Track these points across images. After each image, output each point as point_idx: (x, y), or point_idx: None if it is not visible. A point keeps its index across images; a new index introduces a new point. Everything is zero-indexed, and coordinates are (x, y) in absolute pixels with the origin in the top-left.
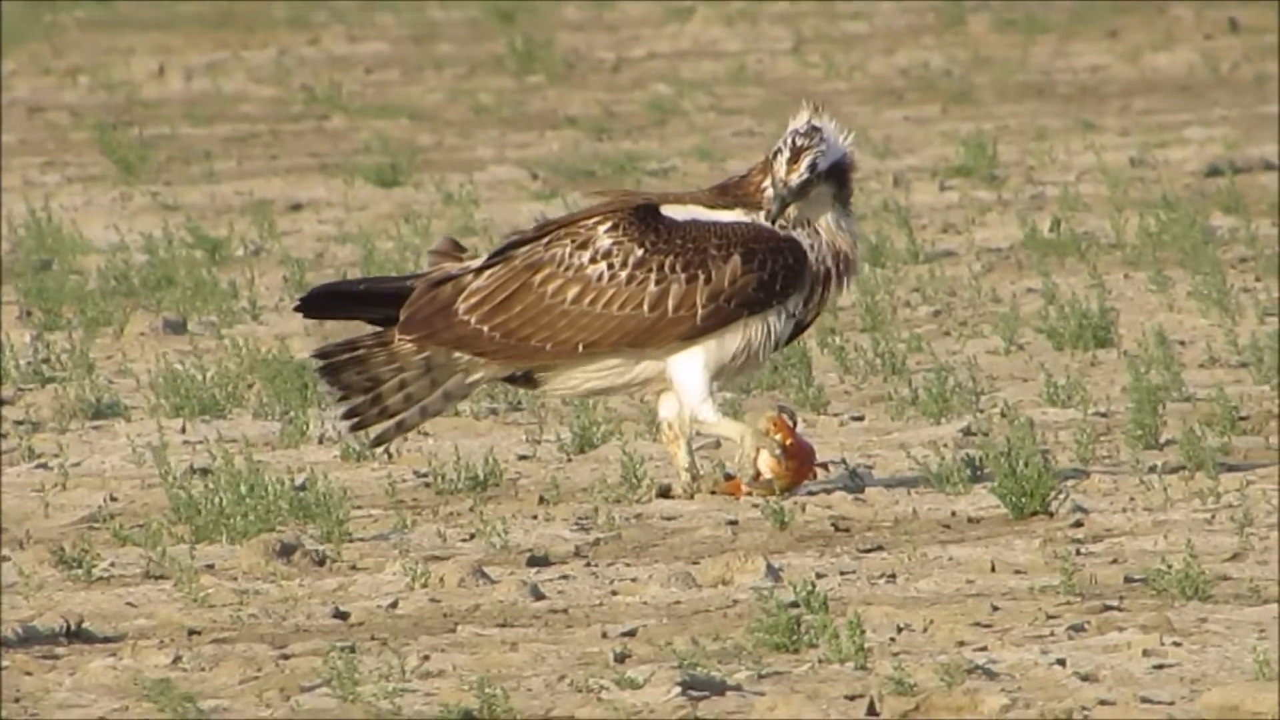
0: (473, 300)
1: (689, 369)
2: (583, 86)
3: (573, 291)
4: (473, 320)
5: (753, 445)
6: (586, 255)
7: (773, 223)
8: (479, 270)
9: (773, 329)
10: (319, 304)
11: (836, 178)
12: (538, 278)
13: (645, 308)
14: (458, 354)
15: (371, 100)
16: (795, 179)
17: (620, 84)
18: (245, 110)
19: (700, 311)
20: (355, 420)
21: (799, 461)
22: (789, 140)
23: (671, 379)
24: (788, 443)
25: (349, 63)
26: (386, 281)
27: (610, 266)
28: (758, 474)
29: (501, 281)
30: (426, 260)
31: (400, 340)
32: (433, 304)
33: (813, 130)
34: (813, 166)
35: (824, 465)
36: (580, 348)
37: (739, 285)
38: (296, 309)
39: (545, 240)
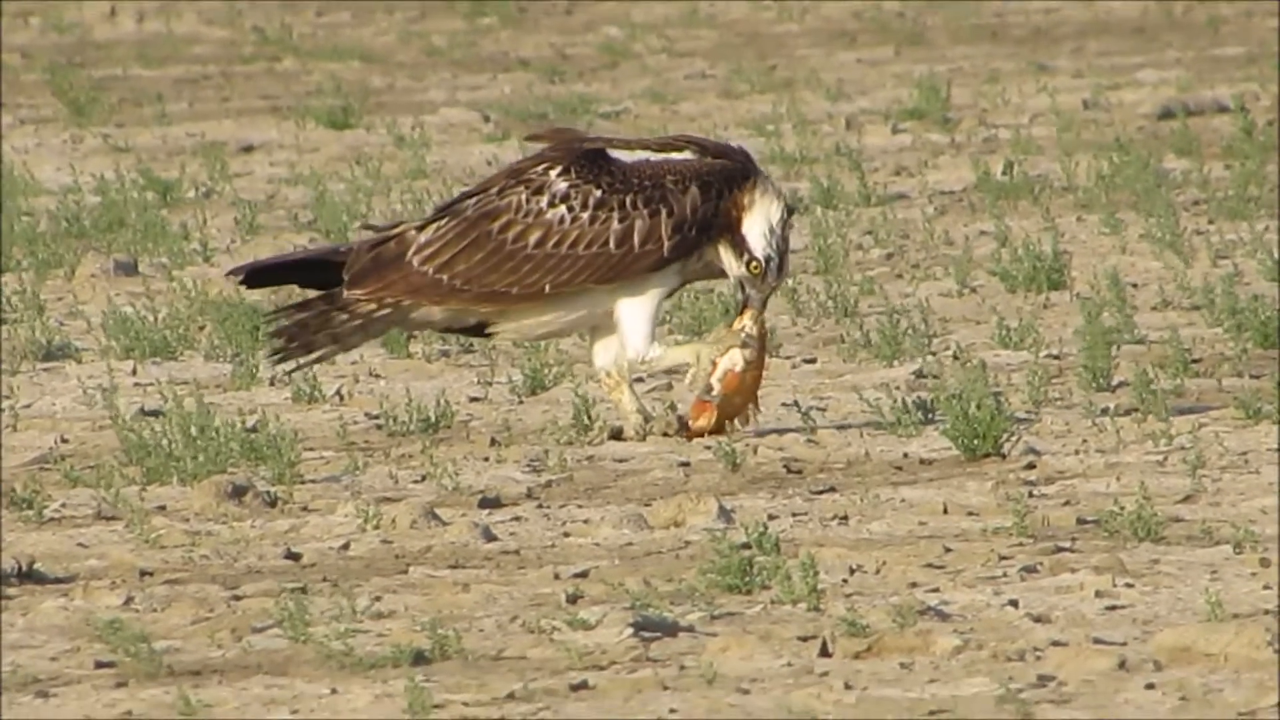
0: (427, 251)
1: (635, 315)
2: (534, 29)
3: (535, 236)
4: (430, 270)
5: (709, 358)
6: (544, 200)
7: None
8: (423, 226)
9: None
10: (258, 278)
11: None
12: (496, 225)
13: (611, 245)
14: (409, 302)
15: (323, 42)
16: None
17: (572, 26)
18: (197, 52)
19: (667, 244)
20: (278, 357)
21: (756, 376)
22: (776, 246)
23: (618, 322)
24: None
25: (300, 4)
26: (317, 250)
27: (570, 209)
28: (710, 387)
29: (458, 231)
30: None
31: (350, 295)
32: (378, 260)
33: (786, 224)
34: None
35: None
36: (548, 289)
37: (700, 214)
38: (241, 282)
39: (496, 189)
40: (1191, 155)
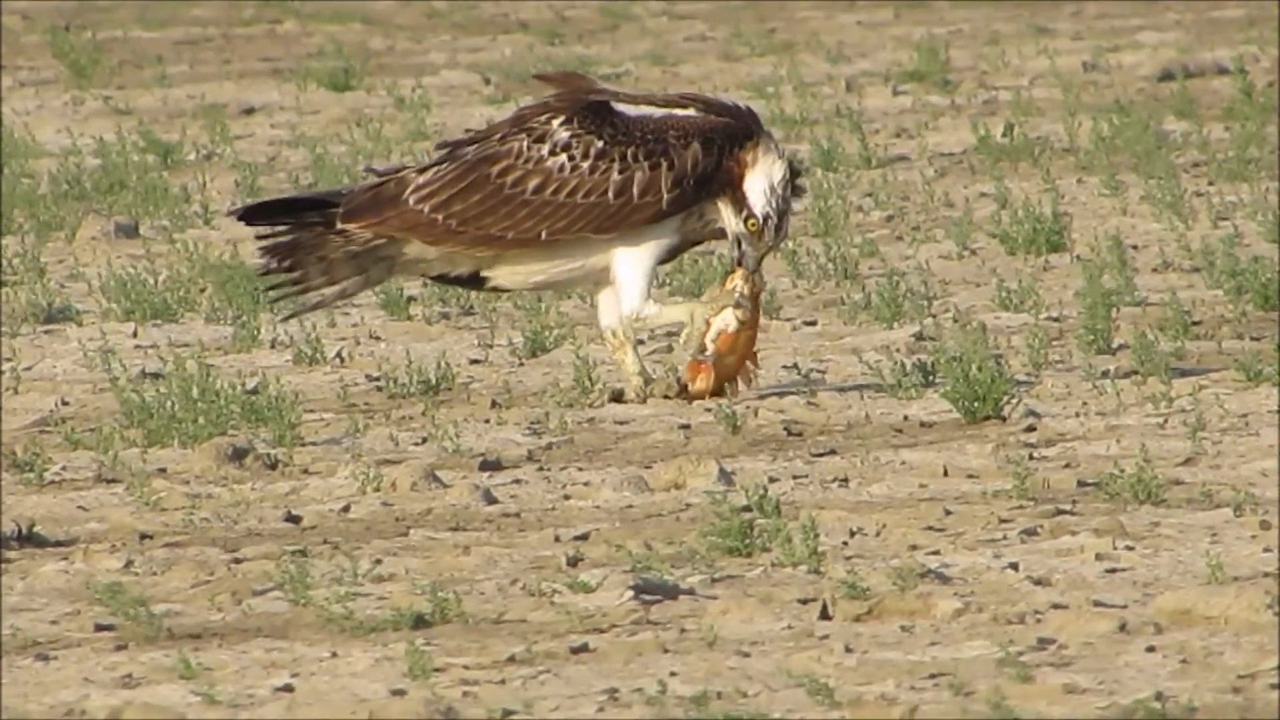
0: (424, 191)
1: (631, 271)
2: None
3: (534, 182)
4: (426, 209)
5: (703, 317)
6: (545, 148)
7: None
8: (424, 169)
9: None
10: (259, 214)
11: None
12: (495, 169)
13: (610, 195)
14: (402, 238)
15: (323, 4)
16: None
17: None
18: (197, 14)
19: (666, 196)
20: (271, 283)
21: (751, 336)
22: (775, 205)
23: (614, 277)
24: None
25: None
26: (319, 192)
27: (571, 158)
28: (704, 348)
29: (456, 174)
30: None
31: (344, 226)
32: (376, 198)
33: (787, 185)
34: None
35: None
36: (544, 235)
37: (700, 169)
38: (240, 219)
39: (498, 136)
40: (1191, 117)
